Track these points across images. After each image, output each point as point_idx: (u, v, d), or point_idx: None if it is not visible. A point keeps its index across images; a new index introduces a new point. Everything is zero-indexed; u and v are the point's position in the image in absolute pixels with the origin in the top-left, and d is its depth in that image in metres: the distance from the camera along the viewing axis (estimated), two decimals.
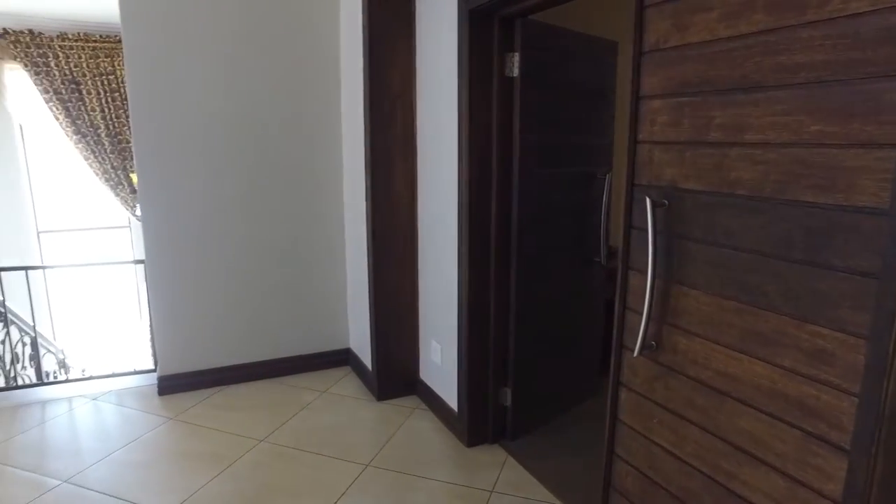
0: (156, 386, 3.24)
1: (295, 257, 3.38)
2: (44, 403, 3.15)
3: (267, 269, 3.32)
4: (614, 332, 1.74)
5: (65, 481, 2.42)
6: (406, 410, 3.03)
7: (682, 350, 1.49)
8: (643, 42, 1.53)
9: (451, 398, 2.80)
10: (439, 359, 2.88)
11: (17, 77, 5.86)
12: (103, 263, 4.96)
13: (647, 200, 1.49)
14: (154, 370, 3.44)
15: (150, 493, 2.35)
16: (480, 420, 2.68)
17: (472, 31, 2.34)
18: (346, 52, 3.21)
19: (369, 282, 3.06)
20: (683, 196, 1.45)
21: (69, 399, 3.18)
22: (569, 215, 2.80)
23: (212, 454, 2.62)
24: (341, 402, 3.16)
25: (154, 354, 3.35)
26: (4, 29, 5.53)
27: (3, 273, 3.69)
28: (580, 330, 3.03)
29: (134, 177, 5.19)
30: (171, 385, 3.21)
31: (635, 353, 1.59)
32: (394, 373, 3.14)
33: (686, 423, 1.50)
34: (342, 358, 3.59)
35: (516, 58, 2.41)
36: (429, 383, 3.05)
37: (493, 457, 2.61)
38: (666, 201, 1.50)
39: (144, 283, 5.59)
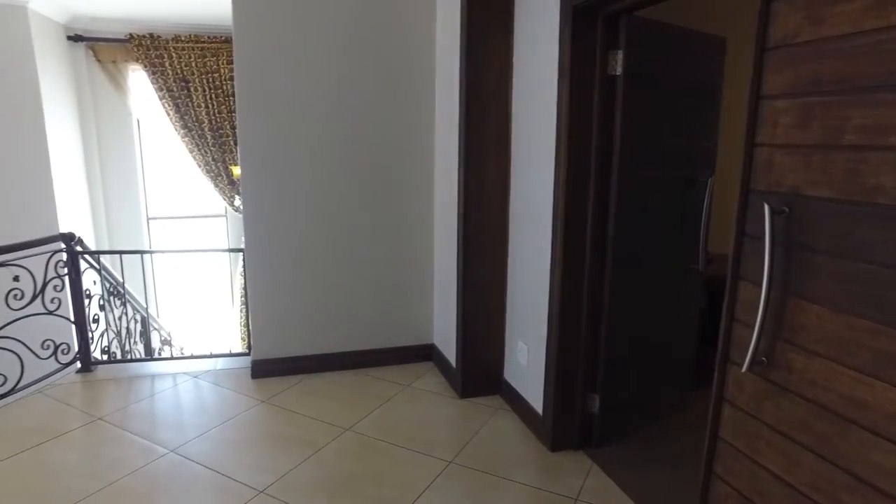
0: (249, 369, 3.42)
1: (384, 252, 3.46)
2: (153, 377, 3.40)
3: (357, 262, 3.42)
4: (719, 344, 1.65)
5: (171, 451, 2.61)
6: (489, 410, 3.02)
7: (799, 369, 1.39)
8: (767, 37, 1.43)
9: (536, 401, 2.76)
10: (525, 360, 2.85)
11: (138, 77, 6.36)
12: (206, 251, 5.27)
13: (766, 207, 1.40)
14: (248, 354, 3.63)
15: (245, 469, 2.47)
16: (566, 425, 2.63)
17: (574, 29, 2.28)
18: (442, 51, 3.24)
19: (458, 279, 3.08)
20: (808, 204, 1.34)
21: (174, 375, 3.42)
22: (667, 220, 2.69)
23: (301, 438, 2.73)
24: (424, 397, 3.20)
25: (248, 339, 3.53)
26: (130, 34, 6.02)
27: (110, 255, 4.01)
28: (673, 338, 2.90)
29: (234, 169, 5.48)
30: (262, 369, 3.37)
31: (744, 369, 1.49)
32: (477, 371, 3.14)
33: (800, 448, 1.39)
34: (425, 353, 3.63)
35: (620, 55, 2.33)
36: (513, 384, 3.02)
37: (577, 463, 2.55)
38: (786, 209, 1.40)
39: (238, 271, 5.91)
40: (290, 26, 3.10)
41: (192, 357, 3.66)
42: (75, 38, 6.04)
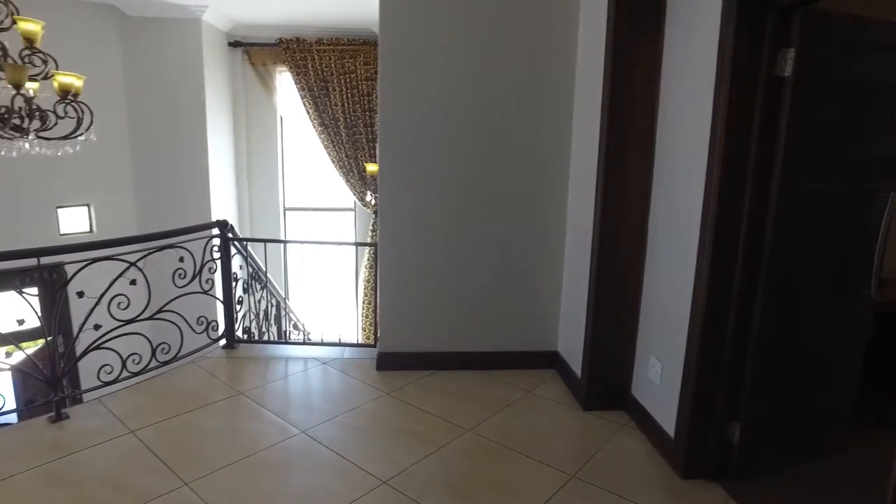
0: (374, 360, 3.53)
1: (514, 255, 3.42)
2: (286, 360, 3.63)
3: (486, 264, 3.41)
4: None
5: (302, 432, 2.76)
6: (614, 426, 2.89)
7: None
8: None
9: (667, 422, 2.59)
10: (658, 377, 2.69)
11: (283, 78, 6.86)
12: (341, 244, 5.53)
13: None
14: (374, 346, 3.76)
15: (368, 459, 2.55)
16: (700, 452, 2.43)
17: (739, 24, 2.09)
18: (584, 53, 3.14)
19: (589, 287, 2.97)
20: None
21: (305, 360, 3.63)
22: (835, 237, 2.39)
23: (423, 435, 2.77)
24: (546, 405, 3.12)
25: (375, 331, 3.65)
26: (280, 39, 6.50)
27: (249, 243, 4.32)
28: (834, 371, 2.59)
29: (368, 166, 5.71)
30: (387, 362, 3.47)
31: None
32: (603, 384, 3.02)
33: None
34: (548, 360, 3.55)
35: (791, 54, 2.10)
36: (641, 401, 2.86)
37: (710, 495, 2.35)
38: None
39: (363, 264, 6.15)
40: (432, 29, 3.16)
41: (322, 344, 3.86)
42: (234, 44, 6.63)
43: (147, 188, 6.10)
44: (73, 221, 5.75)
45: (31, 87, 3.19)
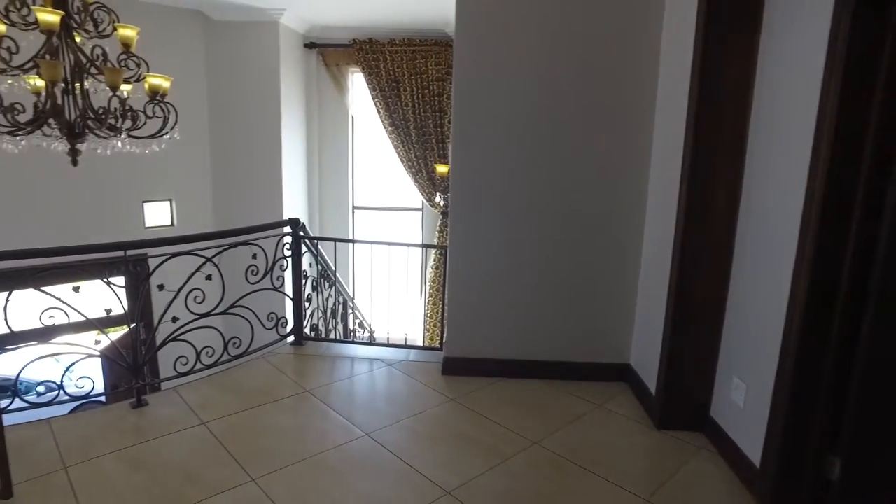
0: (440, 364, 3.48)
1: (587, 263, 3.29)
2: (352, 359, 3.65)
3: (558, 272, 3.29)
4: None
5: (366, 434, 2.74)
6: (690, 448, 2.71)
7: None
8: None
9: (751, 450, 2.39)
10: (741, 400, 2.49)
11: (356, 79, 6.96)
12: (410, 245, 5.53)
13: None
14: (440, 349, 3.72)
15: (432, 466, 2.50)
16: (791, 488, 2.23)
17: (858, 9, 1.89)
18: (668, 47, 2.97)
19: (668, 299, 2.80)
20: None
21: (370, 360, 3.63)
22: None
23: (488, 444, 2.69)
24: (616, 420, 2.98)
25: (441, 335, 3.61)
26: (353, 40, 6.60)
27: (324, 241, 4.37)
28: None
29: (438, 167, 5.68)
30: (453, 367, 3.41)
31: None
32: (680, 402, 2.84)
33: None
34: (619, 373, 3.39)
35: None
36: (722, 424, 2.67)
37: None
38: None
39: (430, 265, 6.13)
40: (508, 30, 3.07)
41: (388, 345, 3.85)
42: (310, 46, 6.79)
43: (224, 185, 6.34)
44: (157, 215, 6.04)
45: (125, 88, 3.35)
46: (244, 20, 5.97)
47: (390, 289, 6.98)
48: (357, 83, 6.99)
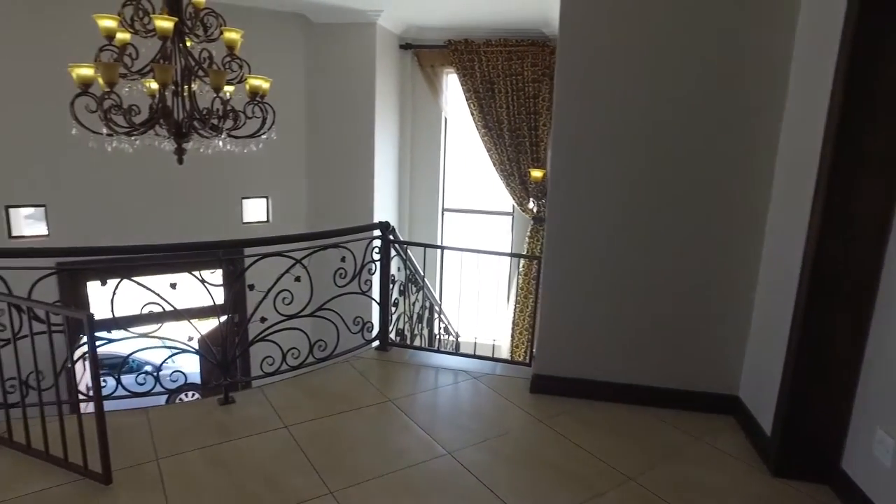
0: (528, 381, 3.30)
1: (695, 282, 2.98)
2: (437, 369, 3.54)
3: (660, 290, 3.01)
4: None
5: (448, 453, 2.62)
6: None
7: None
8: None
9: None
10: (889, 459, 2.12)
11: (450, 80, 6.89)
12: (502, 254, 5.36)
13: None
14: (528, 364, 3.53)
15: (517, 495, 2.33)
16: None
17: None
18: (804, 44, 2.61)
19: (792, 328, 2.46)
20: None
21: (455, 371, 3.50)
22: None
23: (579, 476, 2.48)
24: (722, 459, 2.66)
25: (532, 350, 3.42)
26: (449, 40, 6.52)
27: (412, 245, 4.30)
28: None
29: (533, 172, 5.48)
30: (542, 385, 3.22)
31: None
32: (801, 448, 2.49)
33: None
34: (726, 405, 3.05)
35: None
36: (857, 480, 2.30)
37: None
38: None
39: (518, 271, 5.93)
40: (617, 30, 2.84)
41: (474, 357, 3.71)
42: (405, 47, 6.79)
43: (318, 184, 6.46)
44: (254, 211, 6.27)
45: (227, 89, 3.45)
46: (343, 22, 6.05)
47: (477, 294, 6.86)
48: (451, 84, 6.92)
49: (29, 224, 5.32)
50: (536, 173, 5.49)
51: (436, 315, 5.25)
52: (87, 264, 3.66)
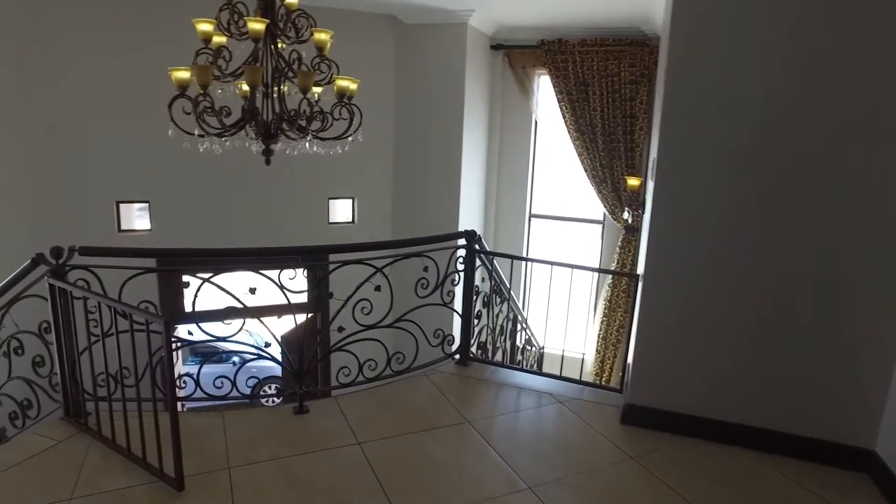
0: (619, 410, 3.00)
1: (824, 311, 2.57)
2: (519, 389, 3.31)
3: (787, 318, 2.62)
4: None
5: (529, 487, 2.39)
6: None
7: None
8: None
9: None
10: None
11: (542, 81, 6.62)
12: (594, 270, 4.97)
13: None
14: (619, 391, 3.23)
15: None
16: None
17: None
18: None
19: None
20: None
21: (539, 393, 3.25)
22: None
23: None
24: None
25: (625, 376, 3.12)
26: (542, 40, 6.26)
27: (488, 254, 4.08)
28: None
29: (629, 180, 5.12)
30: (635, 416, 2.91)
31: None
32: None
33: None
34: (859, 460, 2.61)
35: None
36: None
37: None
38: None
39: (605, 284, 5.56)
40: (742, 27, 2.49)
41: (559, 378, 3.44)
42: (496, 47, 6.59)
43: (403, 186, 6.40)
44: (340, 212, 6.31)
45: (315, 91, 3.42)
46: (434, 23, 5.95)
47: (563, 305, 6.56)
48: (542, 86, 6.65)
49: (137, 218, 5.62)
50: (633, 181, 5.10)
51: (519, 327, 5.01)
52: (179, 262, 3.76)
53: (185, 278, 2.86)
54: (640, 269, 2.95)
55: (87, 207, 5.12)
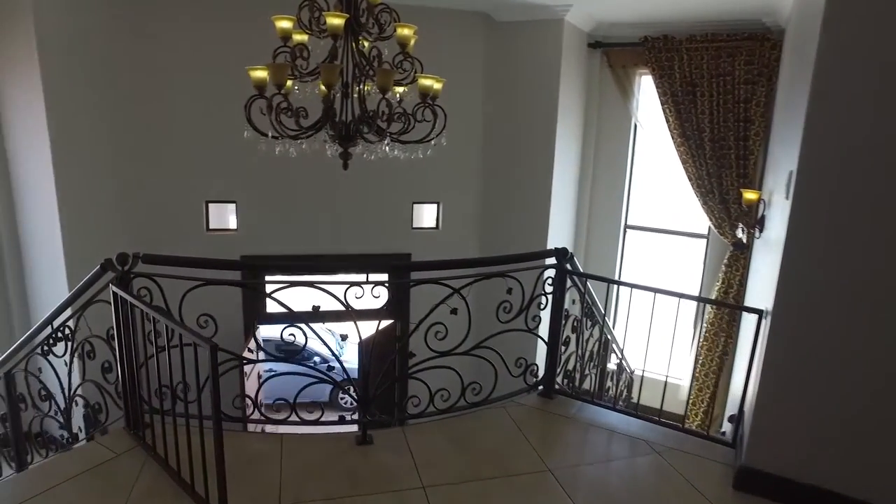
0: (730, 470, 2.51)
1: None
2: (610, 433, 2.87)
3: None
4: None
5: None
6: None
7: None
8: None
9: None
10: None
11: (644, 82, 6.09)
12: (707, 301, 4.44)
13: None
14: (731, 445, 2.73)
15: None
16: None
17: None
18: None
19: None
20: None
21: (632, 439, 2.81)
22: None
23: None
24: None
25: (738, 429, 2.62)
26: (645, 37, 5.73)
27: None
28: None
29: (746, 193, 4.51)
30: (753, 482, 2.40)
31: None
32: None
33: None
34: None
35: None
36: None
37: None
38: None
39: (706, 313, 4.94)
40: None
41: (656, 421, 2.97)
42: (594, 45, 6.12)
43: (490, 192, 6.10)
44: (425, 216, 6.11)
45: (397, 90, 3.19)
46: (528, 19, 5.58)
47: (660, 328, 6.00)
48: (644, 87, 6.10)
49: (225, 218, 5.70)
50: (750, 195, 4.45)
51: (610, 351, 4.53)
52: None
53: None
54: (761, 300, 2.44)
55: (178, 206, 5.24)
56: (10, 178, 4.51)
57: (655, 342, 3.42)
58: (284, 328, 2.59)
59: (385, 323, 2.85)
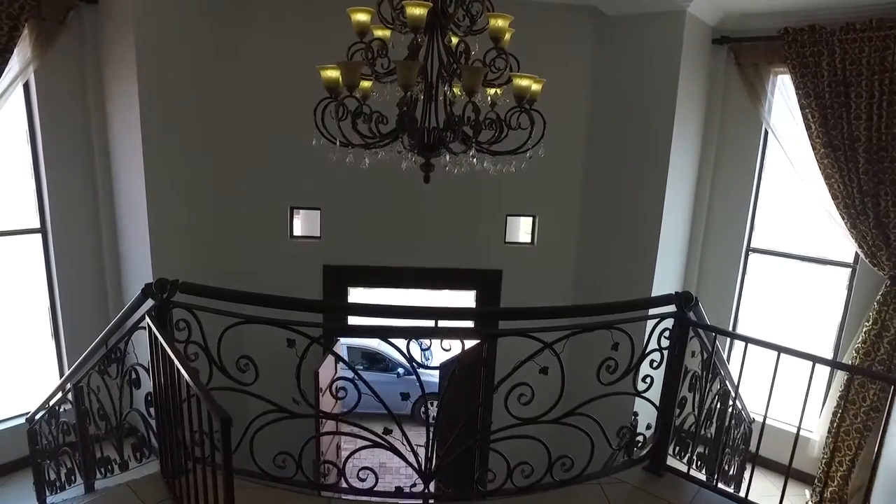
0: None
1: None
2: None
3: None
4: None
5: None
6: None
7: None
8: None
9: None
10: None
11: (778, 82, 5.20)
12: (846, 369, 3.52)
13: None
14: None
15: None
16: None
17: None
18: None
19: None
20: None
21: None
22: None
23: None
24: None
25: None
26: (786, 28, 4.84)
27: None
28: None
29: None
30: None
31: None
32: None
33: None
34: None
35: None
36: None
37: None
38: None
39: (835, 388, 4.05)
40: None
41: None
42: (720, 41, 5.31)
43: (593, 207, 5.52)
44: (519, 230, 5.74)
45: (490, 92, 2.74)
46: (644, 12, 4.91)
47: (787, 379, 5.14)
48: (779, 88, 5.20)
49: (307, 225, 5.67)
50: None
51: (730, 404, 3.79)
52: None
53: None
54: None
55: (264, 212, 5.21)
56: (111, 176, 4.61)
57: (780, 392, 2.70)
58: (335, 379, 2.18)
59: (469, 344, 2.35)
